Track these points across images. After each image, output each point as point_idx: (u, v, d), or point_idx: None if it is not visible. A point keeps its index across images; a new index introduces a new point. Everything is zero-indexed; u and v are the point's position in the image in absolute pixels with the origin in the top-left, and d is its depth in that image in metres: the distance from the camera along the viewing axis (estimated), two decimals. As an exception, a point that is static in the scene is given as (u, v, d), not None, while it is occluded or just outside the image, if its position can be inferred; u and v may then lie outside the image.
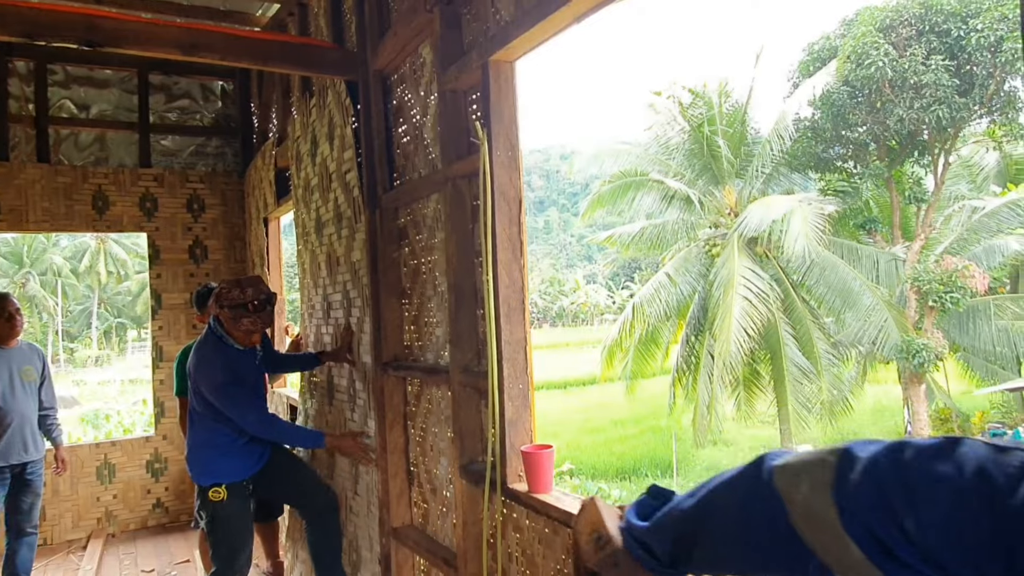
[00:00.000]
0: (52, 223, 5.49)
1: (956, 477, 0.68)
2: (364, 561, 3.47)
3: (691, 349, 14.37)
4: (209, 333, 3.21)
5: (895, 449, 0.75)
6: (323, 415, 3.85)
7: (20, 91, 5.51)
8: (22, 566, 4.18)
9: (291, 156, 4.34)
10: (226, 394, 3.04)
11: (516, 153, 2.10)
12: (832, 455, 0.79)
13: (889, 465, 0.74)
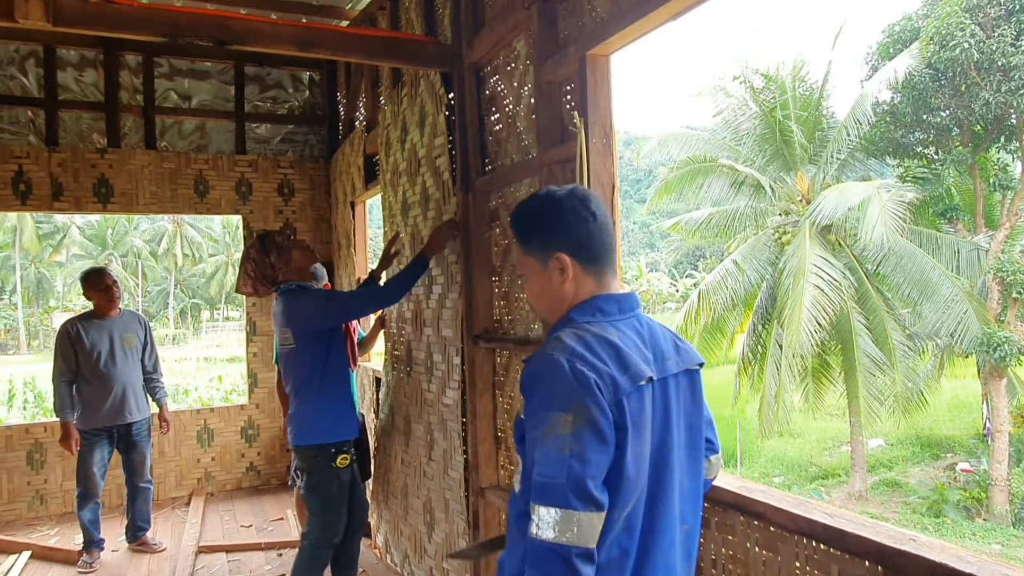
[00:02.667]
0: (159, 206, 5.95)
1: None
2: (438, 521, 3.75)
3: (758, 338, 14.22)
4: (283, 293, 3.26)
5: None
6: (402, 387, 4.12)
7: (130, 83, 5.97)
8: (140, 515, 4.63)
9: (380, 143, 4.61)
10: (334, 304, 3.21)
11: (611, 141, 2.27)
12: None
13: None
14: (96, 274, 4.55)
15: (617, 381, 1.23)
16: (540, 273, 1.40)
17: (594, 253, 1.37)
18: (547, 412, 1.22)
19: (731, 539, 1.81)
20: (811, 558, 1.59)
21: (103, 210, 5.79)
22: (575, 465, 1.17)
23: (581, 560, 1.16)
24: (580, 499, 1.16)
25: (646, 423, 1.28)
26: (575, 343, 1.26)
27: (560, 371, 1.22)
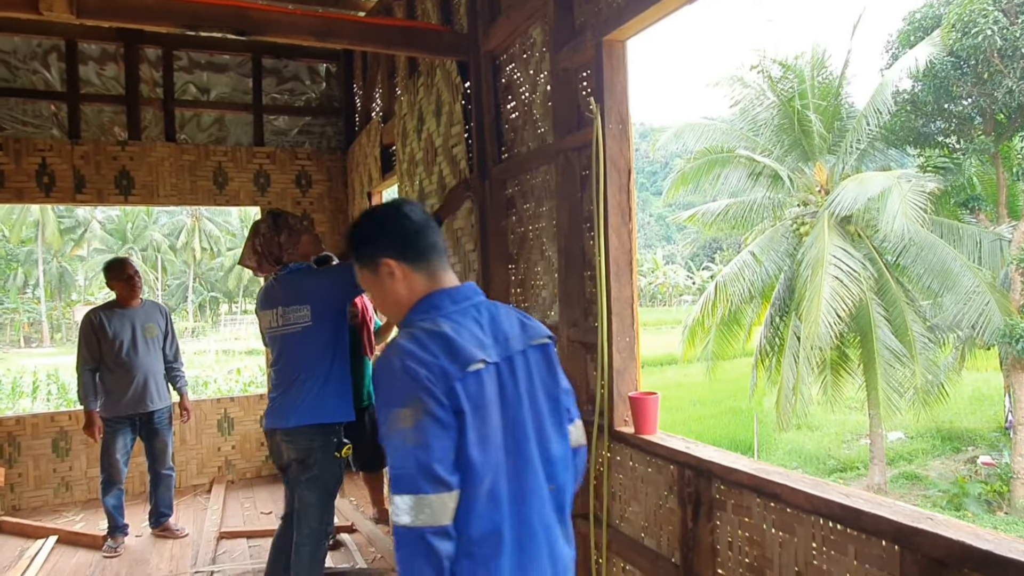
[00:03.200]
0: (179, 197, 6.02)
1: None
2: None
3: (775, 330, 14.13)
4: (294, 272, 3.12)
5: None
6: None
7: (149, 76, 6.03)
8: (162, 501, 4.71)
9: (397, 133, 4.63)
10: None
11: (627, 126, 2.27)
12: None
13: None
14: (118, 264, 4.62)
15: (447, 370, 1.35)
16: (376, 282, 1.52)
17: (418, 252, 1.49)
18: (388, 409, 1.34)
19: (748, 521, 1.82)
20: (828, 539, 1.59)
21: (124, 202, 5.87)
22: (420, 453, 1.30)
23: (436, 537, 1.30)
24: (429, 483, 1.30)
25: (489, 403, 1.40)
26: (407, 342, 1.39)
27: (393, 371, 1.35)
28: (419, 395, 1.32)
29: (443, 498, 1.31)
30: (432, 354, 1.36)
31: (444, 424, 1.33)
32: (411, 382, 1.33)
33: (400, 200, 1.57)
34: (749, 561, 1.82)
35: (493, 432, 1.40)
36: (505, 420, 1.43)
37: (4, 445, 5.41)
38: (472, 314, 1.48)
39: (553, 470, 1.51)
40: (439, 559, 1.31)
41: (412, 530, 1.30)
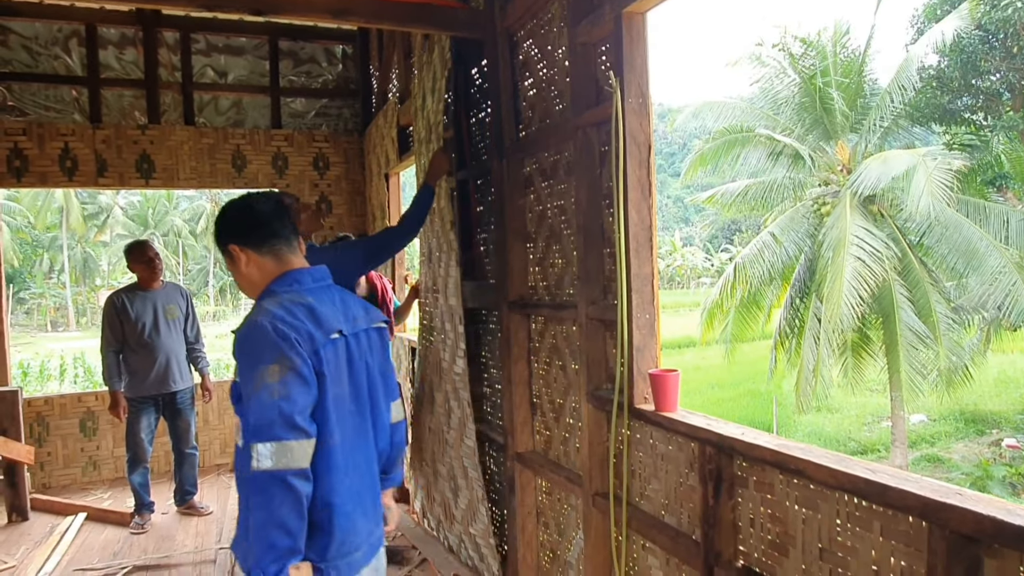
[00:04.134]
0: (199, 180, 6.06)
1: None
2: (460, 488, 3.83)
3: (795, 312, 13.98)
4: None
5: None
6: (427, 356, 4.18)
7: (168, 60, 6.05)
8: (187, 480, 4.79)
9: (412, 113, 4.62)
10: (361, 247, 3.15)
11: (646, 100, 2.24)
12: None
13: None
14: (139, 246, 4.67)
15: (313, 335, 1.55)
16: (232, 266, 1.71)
17: (262, 239, 1.68)
18: (256, 366, 1.49)
19: (770, 498, 1.81)
20: (852, 515, 1.57)
21: (145, 185, 5.91)
22: (283, 405, 1.47)
23: (297, 479, 1.47)
24: (291, 431, 1.47)
25: (342, 368, 1.63)
26: (276, 308, 1.56)
27: (264, 332, 1.51)
28: (287, 353, 1.50)
29: (303, 444, 1.49)
30: (300, 319, 1.55)
31: (307, 381, 1.52)
32: (281, 341, 1.50)
33: (250, 194, 1.77)
34: (771, 538, 1.81)
35: (343, 393, 1.63)
36: (352, 385, 1.67)
37: (34, 425, 5.52)
38: (329, 294, 1.70)
39: (380, 435, 1.79)
40: (299, 498, 1.47)
41: (274, 473, 1.44)
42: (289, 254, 1.71)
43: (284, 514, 1.45)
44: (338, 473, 1.59)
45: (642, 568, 2.37)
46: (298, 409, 1.49)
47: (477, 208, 3.78)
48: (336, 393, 1.60)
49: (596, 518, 2.53)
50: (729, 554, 1.93)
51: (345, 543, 1.62)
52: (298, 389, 1.50)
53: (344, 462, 1.61)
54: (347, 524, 1.62)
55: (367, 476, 1.71)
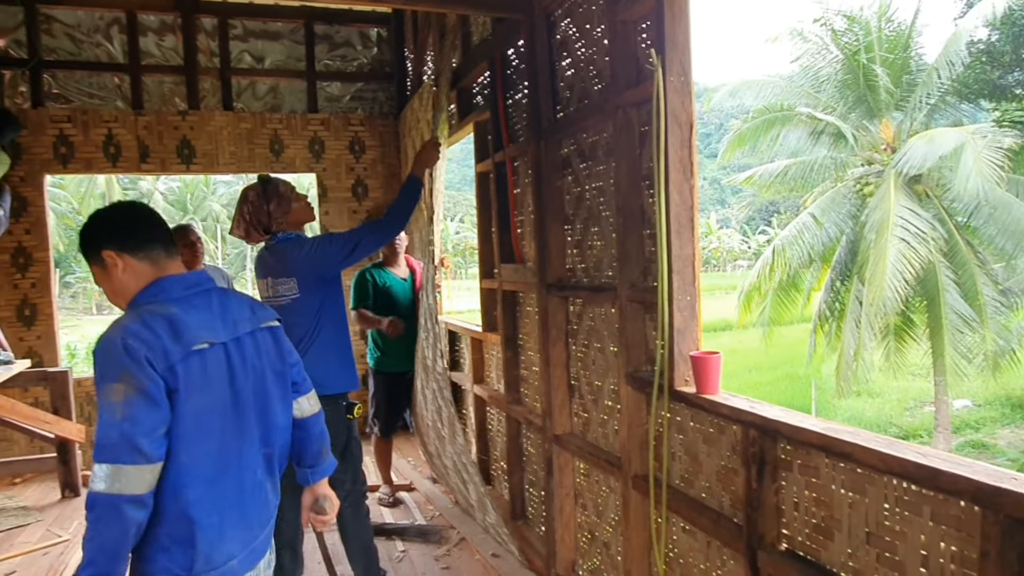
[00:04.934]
0: (238, 165, 6.14)
1: None
2: (467, 481, 3.96)
3: (836, 295, 13.72)
4: (281, 241, 2.98)
5: None
6: (417, 352, 4.26)
7: (206, 46, 6.13)
8: None
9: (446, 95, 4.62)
10: (341, 241, 2.91)
11: (688, 78, 2.19)
12: None
13: None
14: (182, 230, 4.76)
15: (168, 350, 1.48)
16: (104, 275, 1.61)
17: (139, 242, 1.59)
18: (104, 384, 1.44)
19: (815, 481, 1.78)
20: (901, 499, 1.54)
21: (186, 171, 6.02)
22: (126, 426, 1.40)
23: (129, 505, 1.41)
24: (129, 455, 1.40)
25: (214, 378, 1.57)
26: (131, 322, 1.49)
27: (113, 347, 1.45)
28: (132, 371, 1.43)
29: (141, 469, 1.42)
30: (155, 334, 1.48)
31: (155, 400, 1.44)
32: (126, 358, 1.43)
33: (123, 201, 1.72)
34: (816, 522, 1.79)
35: (214, 403, 1.57)
36: (233, 392, 1.61)
37: (83, 405, 5.70)
38: (203, 299, 1.63)
39: (272, 436, 1.73)
40: (127, 525, 1.42)
41: (107, 496, 1.39)
42: (167, 260, 1.63)
43: (110, 540, 1.42)
44: (199, 487, 1.53)
45: (682, 550, 2.36)
46: (142, 431, 1.42)
47: (514, 191, 3.77)
48: (201, 405, 1.54)
49: (635, 500, 2.52)
50: (772, 537, 1.91)
51: (213, 555, 1.58)
52: (143, 410, 1.43)
53: (210, 473, 1.55)
54: (212, 535, 1.57)
55: (247, 482, 1.66)
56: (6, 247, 5.45)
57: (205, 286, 1.67)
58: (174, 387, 1.48)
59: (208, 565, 1.57)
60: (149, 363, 1.45)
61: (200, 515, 1.54)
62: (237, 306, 1.72)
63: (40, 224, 5.61)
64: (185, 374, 1.50)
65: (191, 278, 1.66)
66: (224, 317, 1.65)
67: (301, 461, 1.93)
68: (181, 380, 1.49)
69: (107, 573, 1.42)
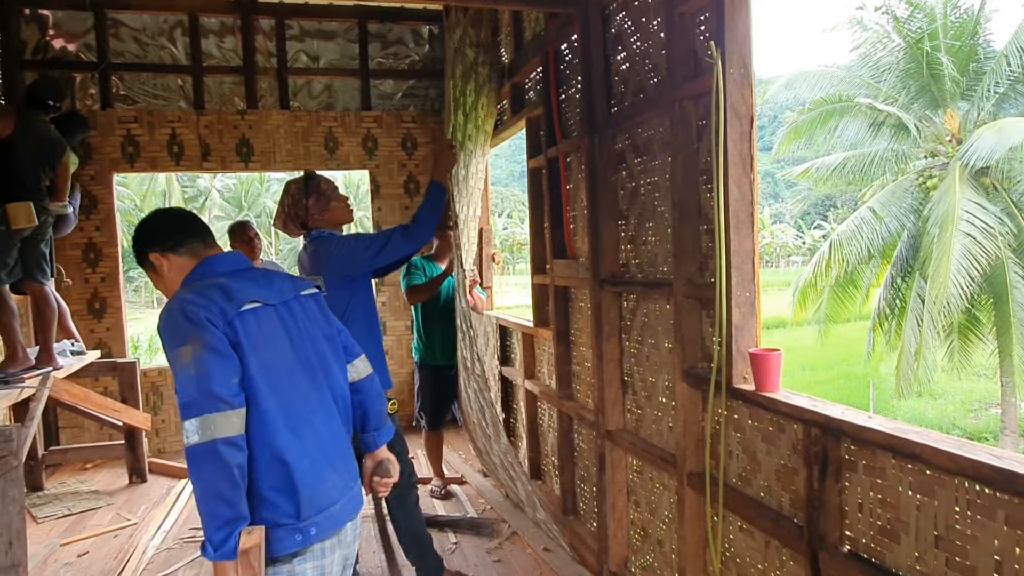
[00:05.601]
0: (294, 163, 6.29)
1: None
2: (515, 479, 3.87)
3: (897, 292, 13.27)
4: (313, 240, 2.98)
5: None
6: (456, 352, 4.25)
7: (264, 46, 6.28)
8: None
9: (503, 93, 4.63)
10: (368, 241, 2.87)
11: (748, 71, 2.15)
12: None
13: None
14: (241, 226, 4.90)
15: (224, 308, 1.61)
16: (157, 276, 1.79)
17: (177, 241, 1.76)
18: (173, 350, 1.56)
19: (880, 482, 1.73)
20: (973, 502, 1.49)
21: (245, 168, 6.20)
22: (202, 380, 1.52)
23: (226, 447, 1.50)
24: (212, 404, 1.51)
25: (272, 335, 1.69)
26: (185, 294, 1.63)
27: (174, 316, 1.59)
28: (196, 332, 1.55)
29: (227, 415, 1.52)
30: (210, 299, 1.61)
31: (222, 353, 1.56)
32: (188, 323, 1.56)
33: (159, 209, 1.91)
34: (882, 524, 1.74)
35: (277, 359, 1.68)
36: (294, 350, 1.73)
37: (149, 394, 5.93)
38: (247, 273, 1.77)
39: (338, 394, 1.84)
40: (229, 466, 1.50)
41: (203, 444, 1.49)
42: (206, 250, 1.78)
43: (218, 484, 1.49)
44: (283, 434, 1.62)
45: (739, 549, 2.33)
46: (217, 380, 1.53)
47: (567, 186, 3.76)
48: (266, 359, 1.65)
49: (691, 498, 2.50)
50: (835, 538, 1.87)
51: (315, 498, 1.66)
52: (214, 362, 1.54)
53: (291, 423, 1.64)
54: (309, 479, 1.65)
55: (327, 434, 1.75)
56: (77, 243, 5.71)
57: (246, 265, 1.81)
58: (235, 341, 1.60)
59: (313, 508, 1.65)
60: (210, 322, 1.57)
61: (292, 459, 1.62)
62: (279, 278, 1.85)
63: (109, 221, 5.85)
64: (243, 328, 1.62)
65: (232, 257, 1.81)
66: (269, 286, 1.78)
67: (366, 425, 1.98)
68: (241, 334, 1.61)
69: (230, 519, 1.50)
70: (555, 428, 4.14)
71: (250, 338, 1.62)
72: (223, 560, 1.49)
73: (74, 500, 4.73)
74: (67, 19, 5.81)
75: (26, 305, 4.67)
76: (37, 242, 4.01)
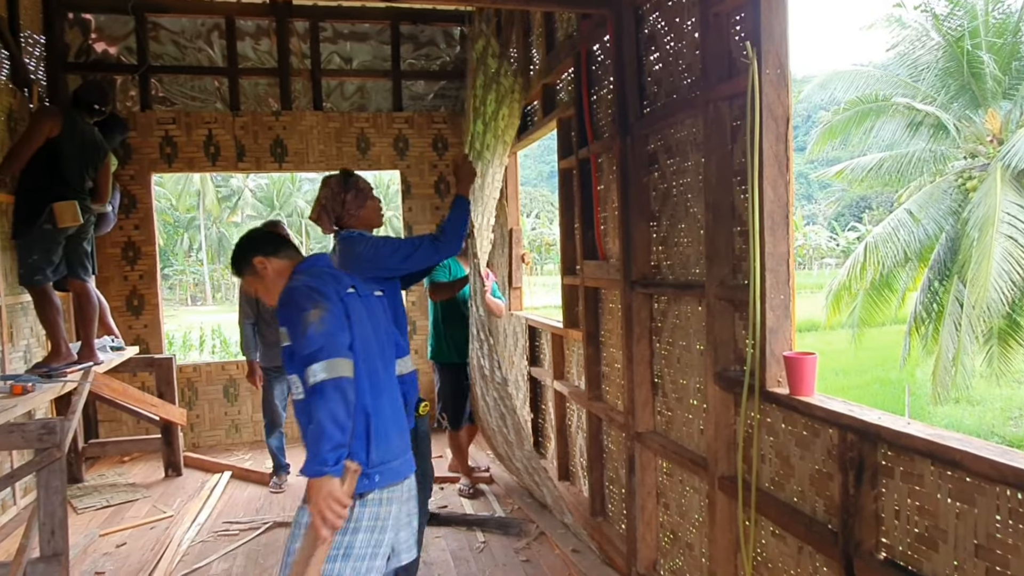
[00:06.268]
0: (327, 163, 6.36)
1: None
2: (540, 483, 3.85)
3: (934, 295, 12.97)
4: (343, 239, 2.77)
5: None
6: (472, 359, 4.22)
7: (298, 48, 6.37)
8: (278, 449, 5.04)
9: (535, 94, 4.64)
10: (393, 246, 2.70)
11: (785, 71, 2.13)
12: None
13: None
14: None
15: (337, 288, 2.04)
16: (258, 279, 2.15)
17: (277, 247, 2.17)
18: (300, 315, 1.92)
19: (918, 489, 1.71)
20: (1016, 511, 1.46)
21: (279, 168, 6.29)
22: (326, 333, 1.90)
23: (348, 384, 1.88)
24: (336, 350, 1.89)
25: (364, 316, 2.09)
26: (303, 277, 2.06)
27: (299, 290, 1.99)
28: (320, 300, 1.95)
29: (347, 361, 1.91)
30: (324, 281, 2.04)
31: (339, 318, 1.96)
32: (314, 293, 1.96)
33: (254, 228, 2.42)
34: (919, 531, 1.71)
35: (368, 335, 2.08)
36: (374, 332, 2.13)
37: (185, 390, 6.05)
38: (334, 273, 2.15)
39: (395, 377, 2.25)
40: (348, 400, 1.87)
41: (331, 380, 1.85)
42: (296, 254, 2.21)
43: (339, 412, 1.83)
44: (368, 394, 2.01)
45: (771, 554, 2.31)
46: (339, 337, 1.93)
47: (598, 187, 3.75)
48: (360, 333, 2.03)
49: (722, 502, 2.48)
50: (870, 545, 1.84)
51: (383, 449, 2.03)
52: (335, 322, 1.93)
53: (374, 386, 2.04)
54: (381, 433, 2.03)
55: (394, 404, 2.15)
56: (117, 241, 5.85)
57: (330, 263, 2.24)
58: (346, 313, 2.00)
59: (379, 457, 2.02)
60: (330, 296, 1.98)
61: (372, 413, 2.02)
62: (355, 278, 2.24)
63: (147, 220, 5.98)
64: (349, 305, 2.03)
65: (324, 258, 2.23)
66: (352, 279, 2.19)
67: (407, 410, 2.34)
68: (348, 309, 2.02)
69: (341, 443, 1.83)
70: (584, 429, 4.13)
71: (351, 314, 2.02)
72: (333, 475, 1.81)
73: (112, 492, 4.85)
74: (109, 23, 5.96)
75: (68, 301, 4.79)
76: (80, 240, 4.12)
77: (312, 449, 1.83)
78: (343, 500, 1.82)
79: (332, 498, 1.80)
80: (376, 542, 2.00)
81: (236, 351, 18.21)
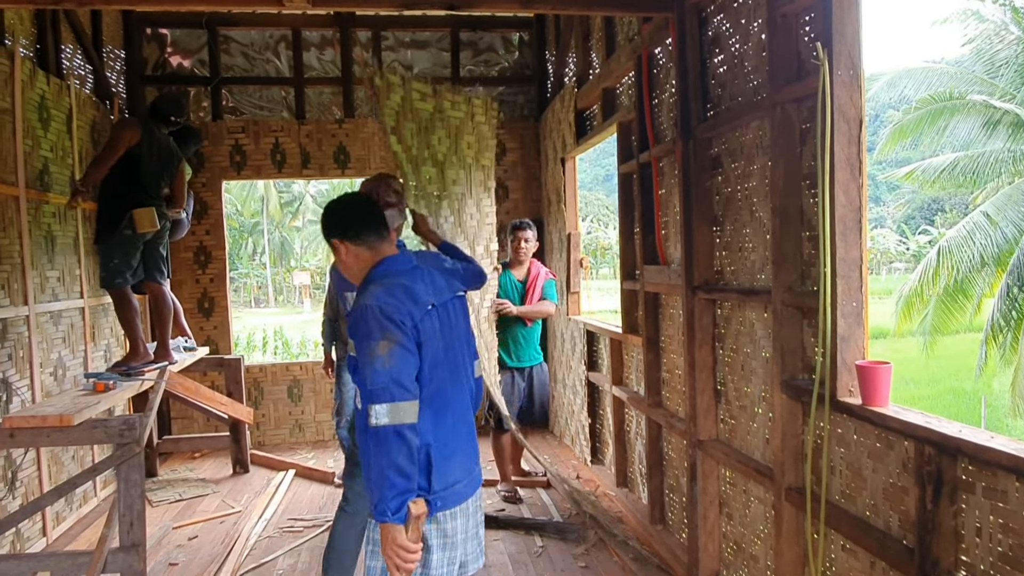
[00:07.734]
0: (387, 169, 6.47)
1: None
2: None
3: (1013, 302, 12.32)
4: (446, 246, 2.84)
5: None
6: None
7: (360, 57, 6.52)
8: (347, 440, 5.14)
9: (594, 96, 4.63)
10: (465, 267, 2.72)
11: (857, 72, 2.08)
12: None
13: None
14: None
15: (412, 312, 1.85)
16: (336, 255, 2.04)
17: (357, 233, 1.98)
18: (368, 343, 1.79)
19: (1002, 506, 1.63)
20: (1112, 534, 1.38)
21: (342, 175, 6.45)
22: (394, 372, 1.77)
23: (410, 431, 1.78)
24: (401, 393, 1.77)
25: (436, 332, 1.93)
26: (379, 291, 1.86)
27: (372, 312, 1.81)
28: (391, 330, 1.79)
29: (412, 404, 1.80)
30: (400, 300, 1.84)
31: (410, 351, 1.82)
32: (386, 320, 1.80)
33: (346, 195, 2.12)
34: (1003, 550, 1.64)
35: (438, 353, 1.93)
36: (445, 345, 1.96)
37: (251, 390, 6.25)
38: (418, 273, 1.99)
39: (467, 384, 2.09)
40: (411, 447, 1.78)
41: (389, 427, 1.75)
42: (379, 244, 1.99)
43: (400, 460, 1.75)
44: (428, 420, 1.88)
45: (841, 569, 2.24)
46: (405, 375, 1.79)
47: (659, 191, 3.72)
48: (431, 354, 1.90)
49: (789, 514, 2.42)
50: (949, 563, 1.77)
51: (445, 475, 1.93)
52: (404, 359, 1.80)
53: (438, 410, 1.92)
54: (442, 460, 1.92)
55: (462, 421, 2.02)
56: (190, 246, 6.09)
57: (415, 263, 2.04)
58: (419, 340, 1.86)
59: (442, 484, 1.92)
60: (403, 323, 1.82)
61: (432, 440, 1.90)
62: (440, 278, 2.08)
63: (218, 225, 6.22)
64: (424, 329, 1.88)
65: (405, 258, 2.03)
66: (434, 286, 2.02)
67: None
68: (422, 334, 1.87)
69: (404, 489, 1.78)
70: (643, 435, 4.09)
71: (425, 338, 1.88)
72: (397, 523, 1.77)
73: (184, 487, 5.05)
74: (183, 37, 6.23)
75: (144, 303, 5.02)
76: (156, 245, 4.31)
77: (375, 495, 1.79)
78: (409, 547, 1.79)
79: (397, 545, 1.78)
80: (450, 559, 2.00)
81: (297, 352, 18.73)
